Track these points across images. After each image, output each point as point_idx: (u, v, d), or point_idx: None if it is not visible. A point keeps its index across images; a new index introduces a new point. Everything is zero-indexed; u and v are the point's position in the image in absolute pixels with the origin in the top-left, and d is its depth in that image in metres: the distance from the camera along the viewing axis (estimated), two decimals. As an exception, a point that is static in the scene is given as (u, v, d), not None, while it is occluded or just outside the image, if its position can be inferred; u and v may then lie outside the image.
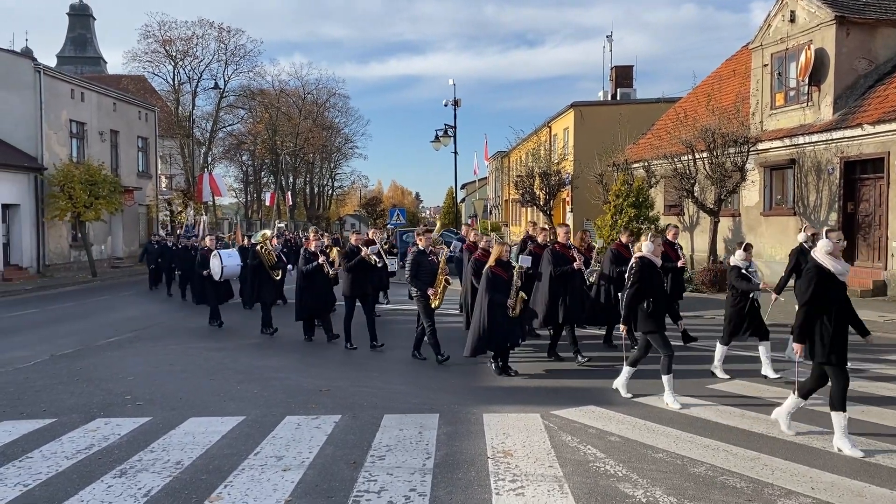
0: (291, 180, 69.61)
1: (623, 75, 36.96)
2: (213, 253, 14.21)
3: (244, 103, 58.04)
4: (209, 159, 54.31)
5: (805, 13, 17.69)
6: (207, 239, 15.31)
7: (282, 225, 52.08)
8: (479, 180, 57.69)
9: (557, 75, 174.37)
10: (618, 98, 35.49)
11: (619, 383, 7.99)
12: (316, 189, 76.56)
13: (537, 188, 28.11)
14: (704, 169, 18.57)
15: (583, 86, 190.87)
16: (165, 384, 8.84)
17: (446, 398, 7.89)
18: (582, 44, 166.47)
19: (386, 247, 16.83)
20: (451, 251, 12.67)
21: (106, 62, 69.10)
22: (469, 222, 35.37)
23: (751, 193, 19.60)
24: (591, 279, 10.55)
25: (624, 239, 11.05)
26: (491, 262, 9.19)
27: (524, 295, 9.21)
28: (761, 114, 19.24)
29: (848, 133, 16.24)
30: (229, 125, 59.48)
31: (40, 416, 7.37)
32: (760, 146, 18.72)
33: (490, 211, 56.55)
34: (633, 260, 7.88)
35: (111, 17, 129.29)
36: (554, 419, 6.97)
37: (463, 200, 69.66)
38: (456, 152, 30.50)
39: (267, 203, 55.39)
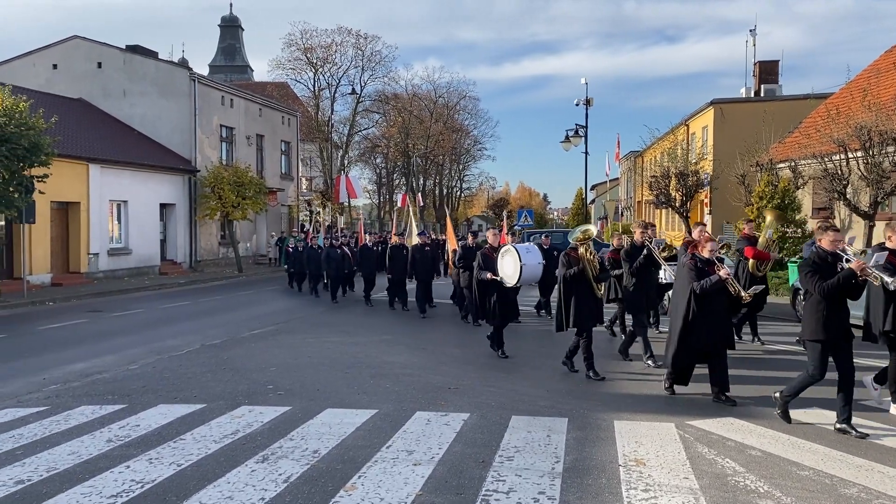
0: (422, 182, 71.02)
1: (767, 71, 35.03)
2: (505, 248, 10.39)
3: (379, 108, 59.83)
4: (345, 162, 56.37)
5: (980, -3, 16.06)
6: (490, 233, 11.63)
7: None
8: (609, 181, 56.48)
9: (696, 72, 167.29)
10: (762, 95, 33.68)
11: None
12: (445, 190, 77.69)
13: (673, 189, 27.15)
14: (858, 169, 17.26)
15: (724, 82, 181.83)
16: (304, 376, 9.25)
17: (575, 403, 7.77)
18: (725, 38, 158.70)
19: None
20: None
21: (252, 70, 73.46)
22: (599, 224, 34.61)
23: (912, 195, 18.03)
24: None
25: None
26: None
27: None
28: (926, 109, 17.66)
29: None
30: (364, 129, 61.56)
31: (192, 401, 7.91)
32: (925, 144, 17.17)
33: (621, 212, 55.21)
34: None
35: (257, 27, 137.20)
36: (689, 429, 6.70)
37: (592, 202, 68.47)
38: (587, 152, 30.11)
39: (398, 204, 56.81)
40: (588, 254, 9.08)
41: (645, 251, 10.05)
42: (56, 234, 23.69)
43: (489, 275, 10.35)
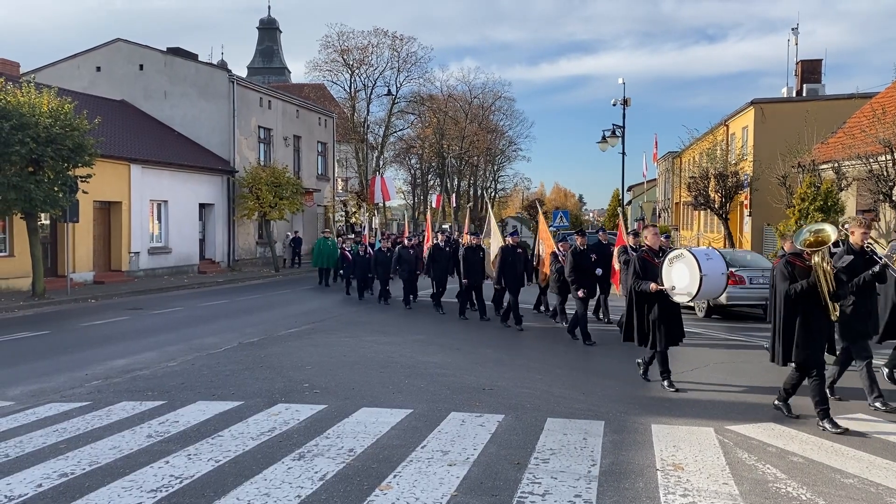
0: (456, 183, 71.04)
1: (810, 70, 34.30)
2: (676, 253, 8.52)
3: (414, 109, 60.14)
4: (381, 163, 56.69)
5: None
6: (649, 232, 9.22)
7: (447, 226, 53.28)
8: (647, 182, 55.86)
9: (737, 72, 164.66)
10: (804, 94, 33.01)
11: None
12: (479, 191, 77.64)
13: (712, 190, 26.78)
14: (905, 170, 16.85)
15: (765, 82, 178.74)
16: (339, 374, 9.31)
17: (611, 406, 7.69)
18: (767, 37, 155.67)
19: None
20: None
21: (290, 72, 74.19)
22: (636, 226, 34.17)
23: (962, 197, 17.52)
24: None
25: None
26: None
27: None
28: (977, 108, 17.15)
29: None
30: (400, 130, 61.92)
31: (229, 398, 8.00)
32: (975, 144, 16.69)
33: (659, 214, 54.56)
34: None
35: (295, 29, 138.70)
36: (729, 434, 6.58)
37: (629, 203, 67.77)
38: (624, 153, 29.81)
39: (433, 205, 56.95)
40: (824, 263, 6.79)
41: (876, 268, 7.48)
42: (98, 233, 24.20)
43: (652, 285, 8.37)
